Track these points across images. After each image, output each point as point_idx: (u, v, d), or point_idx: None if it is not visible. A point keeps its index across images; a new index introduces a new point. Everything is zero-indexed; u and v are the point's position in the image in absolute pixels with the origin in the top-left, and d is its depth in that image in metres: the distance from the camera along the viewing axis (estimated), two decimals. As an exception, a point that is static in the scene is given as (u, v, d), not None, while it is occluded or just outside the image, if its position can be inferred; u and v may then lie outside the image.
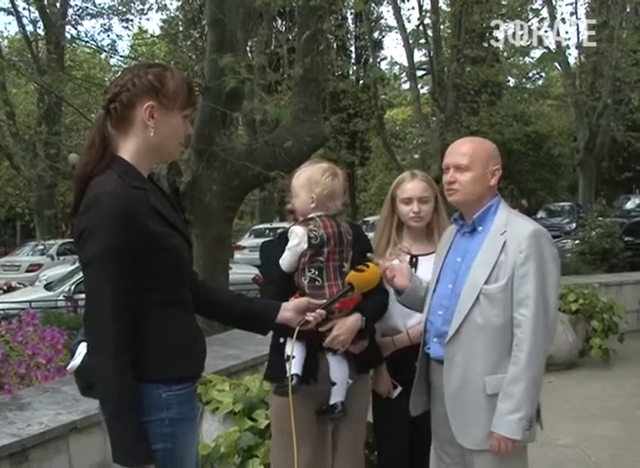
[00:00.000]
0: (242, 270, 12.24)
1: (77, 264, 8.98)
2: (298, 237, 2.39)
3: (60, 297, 10.18)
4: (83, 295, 1.78)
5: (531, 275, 2.17)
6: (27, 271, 17.17)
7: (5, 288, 12.79)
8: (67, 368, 1.91)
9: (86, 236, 1.68)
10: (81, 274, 1.89)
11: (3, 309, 8.58)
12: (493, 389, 2.20)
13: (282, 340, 2.43)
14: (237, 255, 17.07)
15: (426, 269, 2.74)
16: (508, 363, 2.18)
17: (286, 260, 2.43)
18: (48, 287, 11.46)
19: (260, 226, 21.03)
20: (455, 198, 2.34)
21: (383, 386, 2.75)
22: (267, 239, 3.36)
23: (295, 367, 2.36)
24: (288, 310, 2.08)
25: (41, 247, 19.03)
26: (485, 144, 2.39)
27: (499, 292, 2.20)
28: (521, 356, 2.15)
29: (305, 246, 2.37)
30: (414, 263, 2.81)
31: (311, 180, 2.42)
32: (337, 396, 2.42)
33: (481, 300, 2.22)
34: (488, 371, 2.21)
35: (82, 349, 1.79)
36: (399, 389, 2.73)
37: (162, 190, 1.93)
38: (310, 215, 2.44)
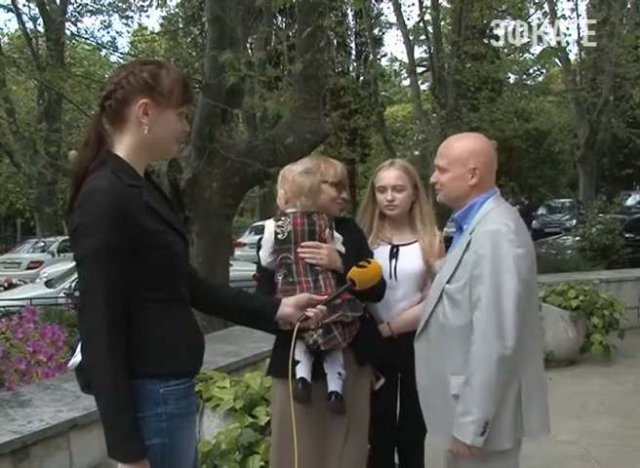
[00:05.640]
0: (242, 267, 12.20)
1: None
2: (267, 231, 2.42)
3: (61, 294, 10.19)
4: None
5: (485, 276, 2.08)
6: (28, 268, 17.16)
7: (5, 285, 12.82)
8: (68, 365, 1.91)
9: (79, 232, 1.69)
10: (82, 271, 1.87)
11: (4, 306, 8.60)
12: (456, 390, 2.15)
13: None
14: (237, 252, 17.11)
15: (408, 259, 2.72)
16: None
17: (261, 255, 2.45)
18: (48, 284, 11.47)
19: (261, 223, 20.93)
20: (438, 198, 2.35)
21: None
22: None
23: (301, 370, 2.34)
24: (288, 306, 2.08)
25: (41, 244, 19.01)
26: (469, 143, 2.29)
27: (457, 293, 2.16)
28: (472, 359, 2.08)
29: (272, 241, 2.38)
30: (394, 253, 2.78)
31: (283, 178, 2.46)
32: (330, 386, 2.40)
33: (444, 299, 2.20)
34: (453, 372, 2.17)
35: (82, 347, 1.79)
36: (382, 380, 2.71)
37: (158, 188, 1.93)
38: (287, 211, 2.43)
